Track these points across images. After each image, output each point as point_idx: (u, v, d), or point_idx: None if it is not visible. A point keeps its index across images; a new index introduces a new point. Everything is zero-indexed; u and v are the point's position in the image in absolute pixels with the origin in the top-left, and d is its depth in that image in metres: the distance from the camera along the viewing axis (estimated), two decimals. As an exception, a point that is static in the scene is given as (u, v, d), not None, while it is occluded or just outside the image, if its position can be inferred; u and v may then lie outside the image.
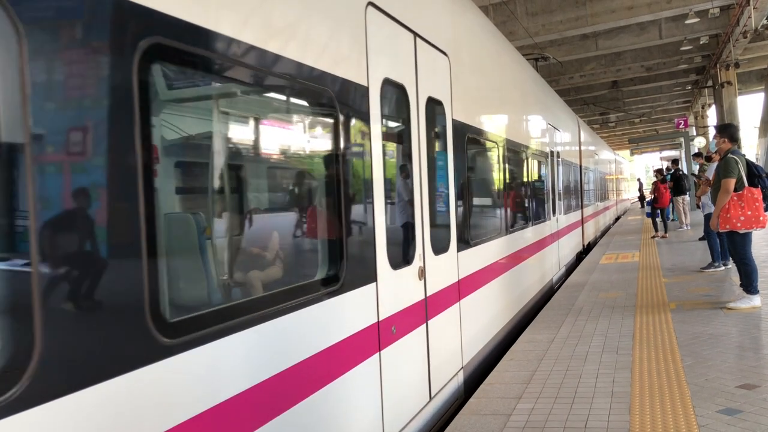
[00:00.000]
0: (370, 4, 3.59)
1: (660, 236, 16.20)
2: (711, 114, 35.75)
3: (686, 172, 21.53)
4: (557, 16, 18.89)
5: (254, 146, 3.01)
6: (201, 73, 2.43)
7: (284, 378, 2.65)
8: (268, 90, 2.90)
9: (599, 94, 33.56)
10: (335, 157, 3.18)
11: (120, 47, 1.90)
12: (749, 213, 6.71)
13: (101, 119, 1.85)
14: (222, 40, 2.35)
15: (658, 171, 19.40)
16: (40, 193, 1.65)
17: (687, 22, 19.12)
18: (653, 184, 17.83)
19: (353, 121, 3.35)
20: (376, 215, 3.57)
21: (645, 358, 5.24)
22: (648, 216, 18.81)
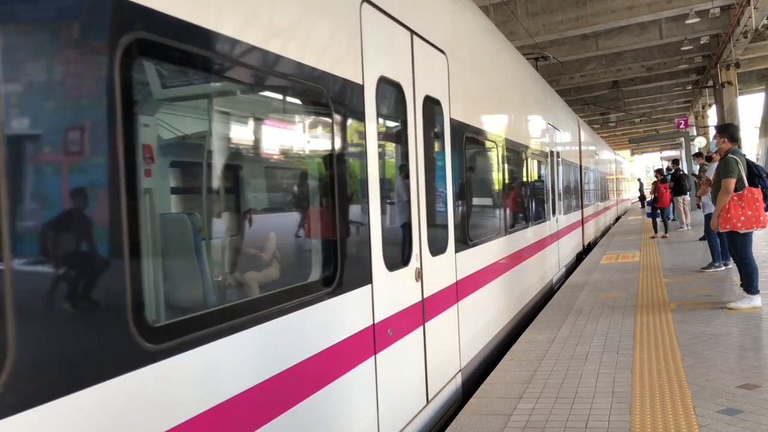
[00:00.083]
0: (366, 1, 3.52)
1: (660, 236, 16.20)
2: (711, 114, 35.80)
3: (687, 172, 21.52)
4: (558, 16, 18.90)
5: (245, 146, 2.92)
6: (186, 71, 2.35)
7: (274, 384, 2.55)
8: (259, 88, 2.81)
9: (600, 94, 33.56)
10: (328, 157, 3.10)
11: (101, 43, 1.82)
12: (749, 213, 6.70)
13: (78, 117, 1.79)
14: (209, 37, 2.26)
15: (658, 171, 19.42)
16: (14, 192, 1.59)
17: (687, 22, 19.12)
18: (653, 184, 17.83)
19: (348, 120, 3.27)
20: (372, 216, 3.50)
21: (645, 358, 5.23)
22: (648, 216, 18.81)
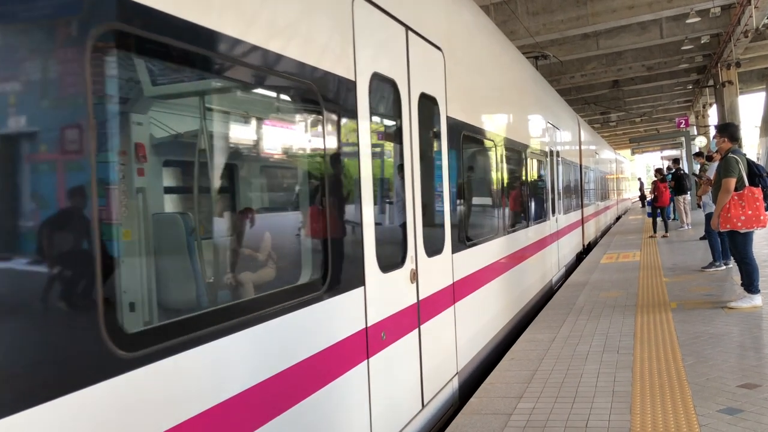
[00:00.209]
0: None
1: (660, 236, 16.20)
2: (712, 113, 35.75)
3: (687, 172, 21.52)
4: (558, 16, 18.87)
5: (230, 144, 2.84)
6: (166, 65, 2.23)
7: (259, 391, 2.43)
8: (246, 84, 2.69)
9: (600, 94, 33.54)
10: (319, 155, 2.99)
11: (72, 33, 1.72)
12: (750, 212, 6.70)
13: (50, 113, 1.70)
14: (190, 30, 2.13)
15: (658, 170, 19.41)
16: None
17: (688, 22, 19.09)
18: (653, 184, 17.83)
19: (339, 118, 3.15)
20: (364, 216, 3.38)
21: (646, 358, 5.23)
22: (649, 216, 18.80)
